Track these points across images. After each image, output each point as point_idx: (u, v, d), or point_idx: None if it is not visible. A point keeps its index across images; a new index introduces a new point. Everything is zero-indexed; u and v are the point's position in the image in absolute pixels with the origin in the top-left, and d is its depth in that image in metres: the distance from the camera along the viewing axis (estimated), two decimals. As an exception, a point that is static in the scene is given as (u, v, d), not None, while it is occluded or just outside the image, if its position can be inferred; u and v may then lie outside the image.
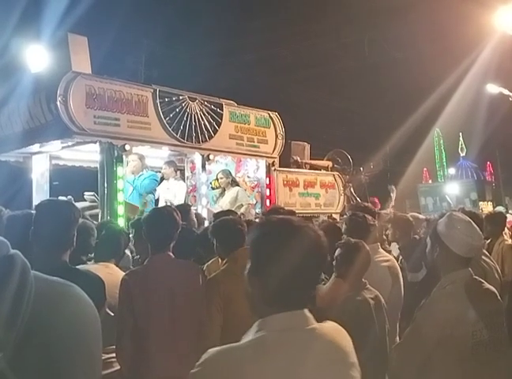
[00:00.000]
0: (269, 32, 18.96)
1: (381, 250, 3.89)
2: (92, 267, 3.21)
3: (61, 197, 6.11)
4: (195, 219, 5.10)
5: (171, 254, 3.16)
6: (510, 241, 5.65)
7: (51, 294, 1.01)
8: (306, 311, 1.41)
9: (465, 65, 15.10)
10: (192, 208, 7.43)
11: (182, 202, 7.70)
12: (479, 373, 2.31)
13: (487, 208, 22.06)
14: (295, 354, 1.33)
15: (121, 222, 6.06)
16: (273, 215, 1.53)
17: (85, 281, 2.08)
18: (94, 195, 6.48)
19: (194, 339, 2.88)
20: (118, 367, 3.01)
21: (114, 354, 3.00)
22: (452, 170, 36.84)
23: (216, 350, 1.33)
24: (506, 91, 16.19)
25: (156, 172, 8.12)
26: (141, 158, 7.07)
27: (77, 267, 2.77)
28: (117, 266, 3.54)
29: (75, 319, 1.02)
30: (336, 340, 1.42)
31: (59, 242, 2.43)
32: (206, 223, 5.87)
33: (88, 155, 7.07)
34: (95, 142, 6.18)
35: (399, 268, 3.75)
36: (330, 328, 1.45)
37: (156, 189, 7.44)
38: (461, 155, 36.98)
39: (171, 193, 7.68)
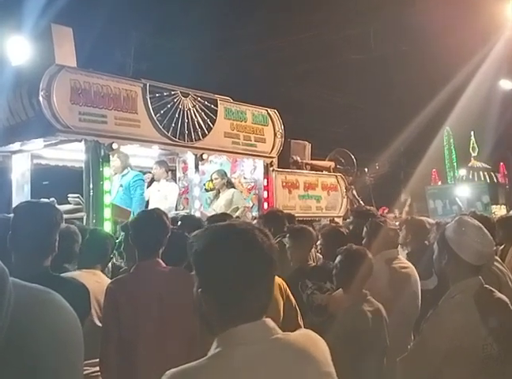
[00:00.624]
0: (266, 23, 18.99)
1: (400, 256, 3.93)
2: (77, 274, 3.20)
3: (43, 199, 6.13)
4: None
5: (160, 261, 3.16)
6: None
7: (31, 302, 1.03)
8: (268, 321, 1.40)
9: (477, 60, 15.14)
10: (184, 211, 7.47)
11: (174, 205, 7.72)
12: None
13: (500, 211, 22.11)
14: (259, 368, 1.32)
15: (108, 226, 6.06)
16: (215, 223, 1.51)
17: (68, 289, 2.08)
18: (79, 197, 6.48)
19: (185, 352, 2.87)
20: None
21: (95, 368, 2.99)
22: (463, 171, 36.92)
23: (174, 371, 1.33)
24: (520, 87, 16.23)
25: (146, 173, 8.13)
26: (122, 156, 7.06)
27: (62, 275, 2.77)
28: (103, 273, 3.54)
29: (55, 327, 1.04)
30: (306, 349, 1.40)
31: (40, 248, 2.42)
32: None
33: (72, 154, 7.06)
34: (80, 140, 6.17)
35: (417, 276, 3.78)
36: (300, 336, 1.45)
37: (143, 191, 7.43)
38: (473, 155, 37.08)
39: (162, 195, 7.68)
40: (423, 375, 2.41)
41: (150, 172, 8.09)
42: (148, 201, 7.67)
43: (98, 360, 2.95)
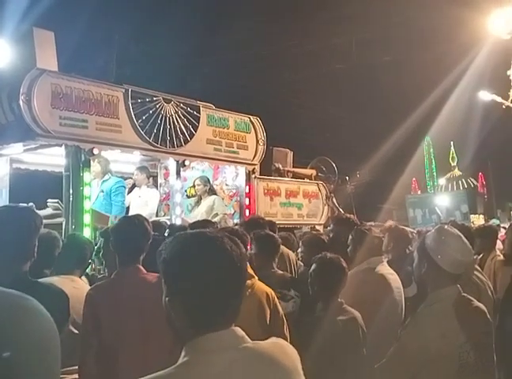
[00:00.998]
0: (249, 31, 19.07)
1: (385, 264, 3.95)
2: (55, 280, 3.15)
3: (21, 204, 6.05)
4: None
5: (141, 267, 3.14)
6: (502, 256, 5.74)
7: (7, 308, 1.02)
8: (237, 329, 1.40)
9: (458, 71, 15.38)
10: (164, 217, 7.43)
11: (154, 211, 7.67)
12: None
13: (478, 221, 22.40)
14: (227, 377, 1.32)
15: (87, 231, 6.00)
16: (185, 231, 1.51)
17: (47, 295, 2.06)
18: (58, 202, 6.41)
19: (166, 359, 2.85)
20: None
21: (77, 375, 2.96)
22: (442, 181, 37.38)
23: None
24: (498, 99, 16.51)
25: (127, 178, 8.08)
26: (102, 162, 7.02)
27: (40, 280, 2.73)
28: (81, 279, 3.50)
29: (32, 334, 1.04)
30: (275, 358, 1.40)
31: (19, 252, 2.38)
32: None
33: (52, 158, 6.99)
34: (60, 145, 6.11)
35: (401, 284, 3.81)
36: (270, 345, 1.44)
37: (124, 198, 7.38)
38: (452, 164, 37.57)
39: (143, 201, 7.64)
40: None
41: (131, 178, 8.05)
42: (128, 207, 7.62)
43: (75, 367, 2.92)
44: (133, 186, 7.99)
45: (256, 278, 3.33)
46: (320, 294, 3.31)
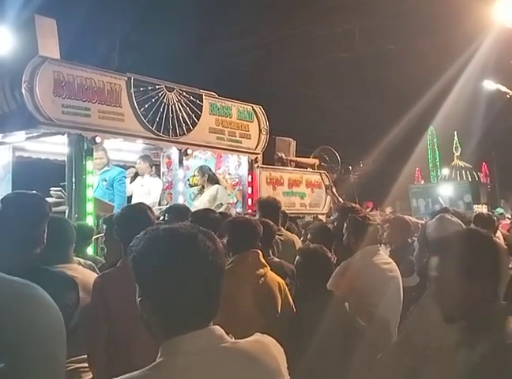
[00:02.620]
0: (252, 19, 18.96)
1: (381, 252, 3.94)
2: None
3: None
4: None
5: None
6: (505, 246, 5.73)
7: (12, 295, 1.03)
8: (216, 329, 1.35)
9: (462, 60, 15.28)
10: (167, 206, 7.43)
11: (157, 200, 7.68)
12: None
13: (481, 211, 22.33)
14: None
15: (90, 220, 6.02)
16: (156, 226, 1.42)
17: (56, 282, 2.06)
18: (61, 190, 6.42)
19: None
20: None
21: (83, 364, 2.97)
22: (446, 171, 37.28)
23: None
24: (503, 88, 16.43)
25: (130, 167, 8.09)
26: (106, 153, 7.06)
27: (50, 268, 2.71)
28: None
29: (37, 321, 1.05)
30: (256, 358, 1.35)
31: (28, 239, 2.36)
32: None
33: (55, 147, 7.00)
34: (63, 133, 6.11)
35: (399, 272, 3.80)
36: (251, 344, 1.39)
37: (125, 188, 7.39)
38: (456, 154, 37.46)
39: (146, 190, 7.65)
40: (401, 373, 2.43)
41: (133, 167, 8.05)
42: (131, 196, 7.63)
43: (84, 356, 2.92)
44: (136, 175, 7.99)
45: (268, 267, 3.35)
46: (307, 285, 3.34)
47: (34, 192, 2.70)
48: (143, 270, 1.36)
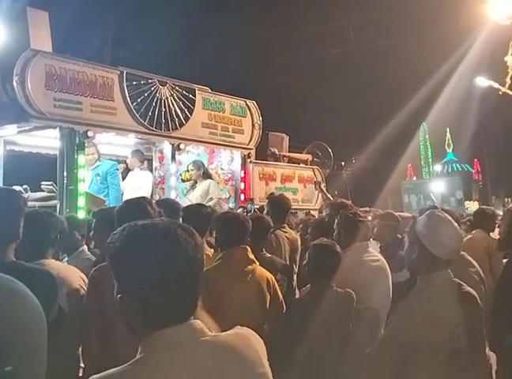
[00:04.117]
0: (246, 14, 18.91)
1: (370, 249, 3.94)
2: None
3: (15, 186, 6.03)
4: None
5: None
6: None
7: None
8: (196, 322, 1.35)
9: (455, 57, 15.33)
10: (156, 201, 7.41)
11: (148, 195, 7.65)
12: (455, 379, 2.36)
13: (473, 207, 22.47)
14: (185, 373, 1.27)
15: (81, 214, 5.99)
16: (134, 222, 1.40)
17: (33, 278, 2.04)
18: (52, 185, 6.39)
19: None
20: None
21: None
22: (438, 167, 37.45)
23: (96, 377, 1.27)
24: (495, 85, 16.47)
25: (121, 162, 8.05)
26: (96, 148, 7.02)
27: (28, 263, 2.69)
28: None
29: (18, 315, 1.05)
30: (238, 350, 1.36)
31: (2, 235, 2.36)
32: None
33: (46, 141, 6.96)
34: (54, 127, 6.08)
35: (389, 270, 3.81)
36: (231, 337, 1.40)
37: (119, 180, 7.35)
38: (448, 151, 37.62)
39: (137, 184, 7.61)
40: (390, 366, 2.44)
41: (125, 162, 8.01)
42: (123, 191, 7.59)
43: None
44: (128, 171, 7.95)
45: (257, 263, 3.35)
46: (313, 277, 3.34)
47: (20, 188, 2.68)
48: (122, 267, 1.34)
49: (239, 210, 7.17)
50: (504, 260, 4.21)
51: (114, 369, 1.28)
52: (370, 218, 5.39)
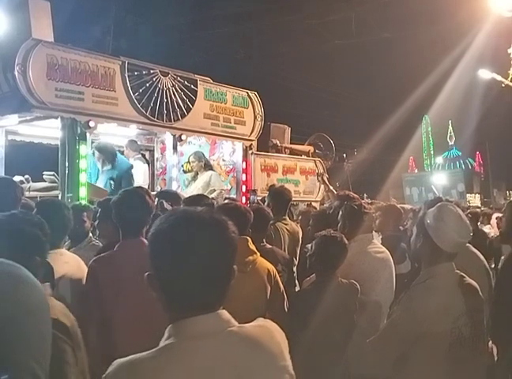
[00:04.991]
0: (248, 5, 18.83)
1: (375, 241, 3.95)
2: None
3: (17, 176, 6.03)
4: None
5: (145, 240, 3.12)
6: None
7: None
8: (223, 313, 1.37)
9: (458, 49, 15.26)
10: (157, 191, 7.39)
11: (140, 183, 7.59)
12: (455, 370, 2.37)
13: (474, 200, 22.46)
14: (211, 363, 1.29)
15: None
16: (176, 208, 1.46)
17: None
18: (54, 175, 6.39)
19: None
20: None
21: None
22: (439, 160, 37.40)
23: (121, 361, 1.29)
24: (498, 77, 16.40)
25: (122, 153, 8.03)
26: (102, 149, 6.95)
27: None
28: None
29: (23, 300, 1.06)
30: (261, 343, 1.37)
31: None
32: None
33: (48, 131, 6.95)
34: (56, 117, 6.06)
35: (392, 261, 3.82)
36: (256, 328, 1.41)
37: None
38: (450, 143, 37.56)
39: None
40: (391, 356, 2.44)
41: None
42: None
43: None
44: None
45: (258, 254, 3.35)
46: (319, 268, 3.35)
47: (22, 178, 2.68)
48: (154, 247, 1.38)
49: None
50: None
51: (142, 354, 1.30)
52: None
